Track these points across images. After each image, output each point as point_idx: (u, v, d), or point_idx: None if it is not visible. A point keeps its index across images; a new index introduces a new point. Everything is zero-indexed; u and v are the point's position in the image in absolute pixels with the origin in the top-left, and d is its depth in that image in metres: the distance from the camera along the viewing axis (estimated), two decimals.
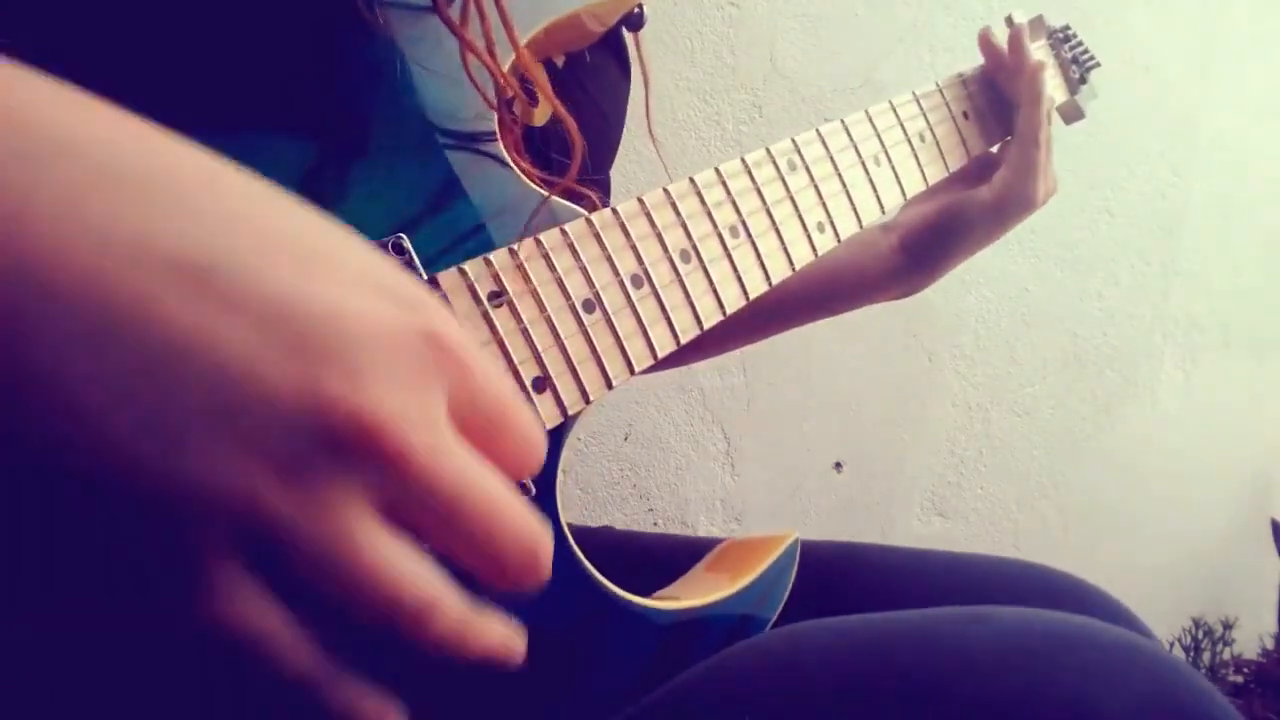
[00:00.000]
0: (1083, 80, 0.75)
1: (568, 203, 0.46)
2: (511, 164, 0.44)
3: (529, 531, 0.24)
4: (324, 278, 0.21)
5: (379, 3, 0.39)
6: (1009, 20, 0.72)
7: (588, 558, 0.45)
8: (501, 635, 0.24)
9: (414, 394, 0.22)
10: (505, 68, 0.43)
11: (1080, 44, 0.76)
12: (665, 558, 0.60)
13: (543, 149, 0.49)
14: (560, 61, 0.52)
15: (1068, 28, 0.75)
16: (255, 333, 0.20)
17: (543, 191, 0.44)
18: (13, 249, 0.18)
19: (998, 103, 0.69)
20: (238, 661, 0.20)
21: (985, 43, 0.69)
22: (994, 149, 0.70)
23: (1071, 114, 0.76)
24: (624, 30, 0.53)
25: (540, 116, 0.49)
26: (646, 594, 0.48)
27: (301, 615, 0.21)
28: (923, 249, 0.69)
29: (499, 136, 0.44)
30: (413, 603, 0.22)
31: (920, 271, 0.71)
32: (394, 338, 0.22)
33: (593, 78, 0.55)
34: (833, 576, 0.59)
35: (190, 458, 0.19)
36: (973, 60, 0.69)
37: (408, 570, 0.22)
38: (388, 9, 0.40)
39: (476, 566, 0.24)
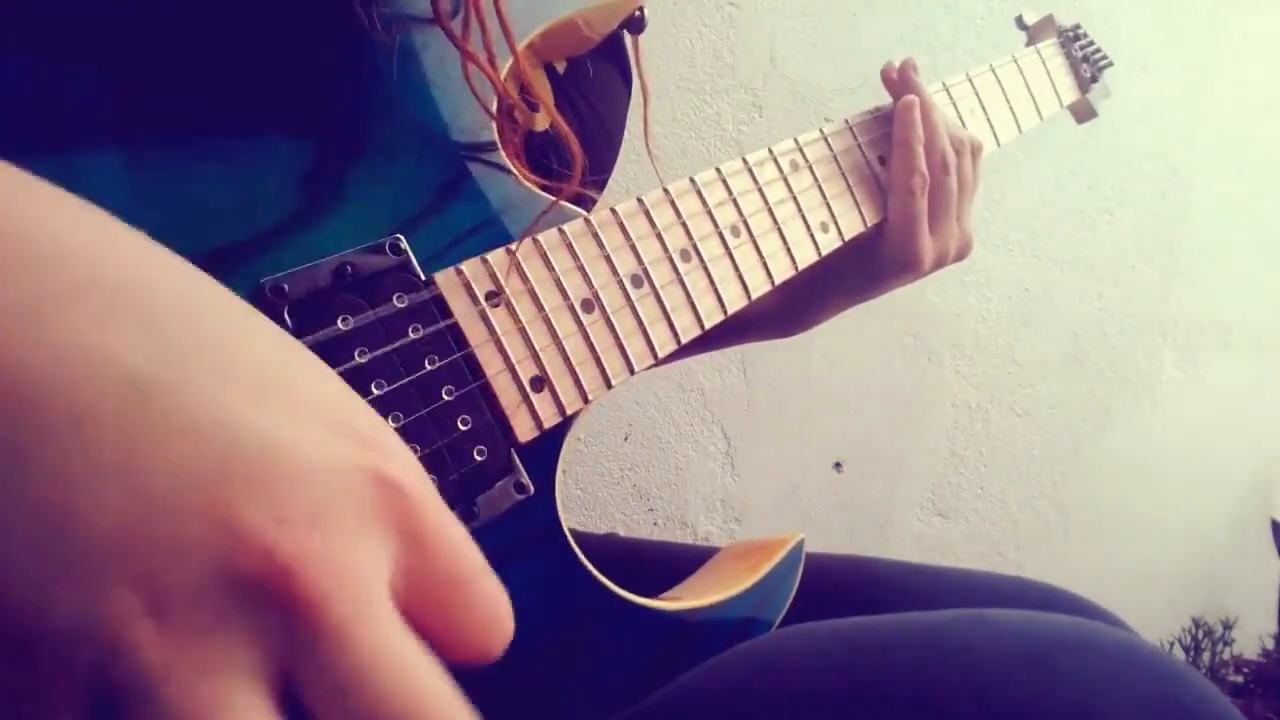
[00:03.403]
0: (1094, 79, 0.75)
1: (568, 203, 0.45)
2: (511, 168, 0.44)
3: None
4: (276, 407, 0.20)
5: (381, 12, 0.39)
6: (1019, 21, 0.72)
7: (591, 563, 0.44)
8: None
9: (346, 541, 0.19)
10: (504, 72, 0.43)
11: (1091, 43, 0.76)
12: (670, 563, 0.59)
13: (542, 158, 0.48)
14: (561, 68, 0.52)
15: (1078, 27, 0.76)
16: (181, 457, 0.18)
17: (542, 194, 0.44)
18: None
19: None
20: None
21: (884, 77, 0.61)
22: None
23: (1084, 113, 0.77)
24: (625, 34, 0.53)
25: (542, 122, 0.48)
26: (650, 597, 0.48)
27: None
28: (798, 292, 0.63)
29: (499, 143, 0.44)
30: None
31: (794, 316, 0.66)
32: (336, 477, 0.19)
33: (594, 85, 0.55)
34: (841, 590, 0.58)
35: (65, 587, 0.17)
36: (975, 60, 0.69)
37: None
38: (390, 18, 0.40)
39: None
